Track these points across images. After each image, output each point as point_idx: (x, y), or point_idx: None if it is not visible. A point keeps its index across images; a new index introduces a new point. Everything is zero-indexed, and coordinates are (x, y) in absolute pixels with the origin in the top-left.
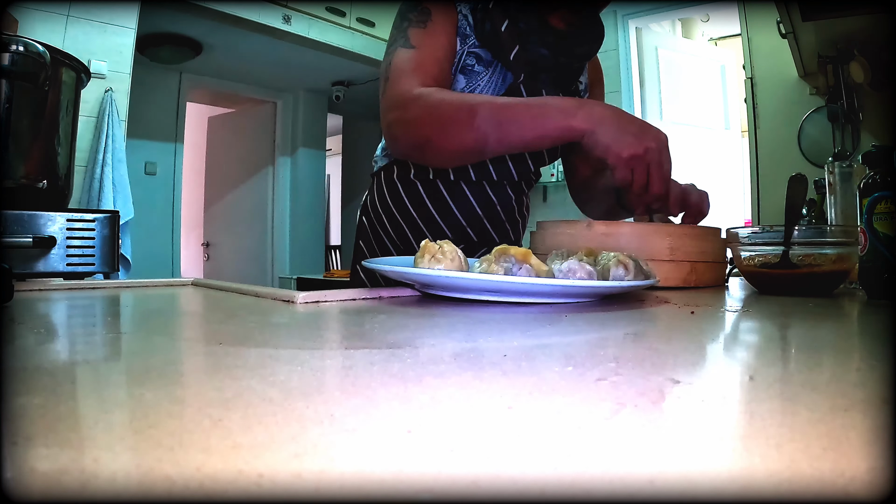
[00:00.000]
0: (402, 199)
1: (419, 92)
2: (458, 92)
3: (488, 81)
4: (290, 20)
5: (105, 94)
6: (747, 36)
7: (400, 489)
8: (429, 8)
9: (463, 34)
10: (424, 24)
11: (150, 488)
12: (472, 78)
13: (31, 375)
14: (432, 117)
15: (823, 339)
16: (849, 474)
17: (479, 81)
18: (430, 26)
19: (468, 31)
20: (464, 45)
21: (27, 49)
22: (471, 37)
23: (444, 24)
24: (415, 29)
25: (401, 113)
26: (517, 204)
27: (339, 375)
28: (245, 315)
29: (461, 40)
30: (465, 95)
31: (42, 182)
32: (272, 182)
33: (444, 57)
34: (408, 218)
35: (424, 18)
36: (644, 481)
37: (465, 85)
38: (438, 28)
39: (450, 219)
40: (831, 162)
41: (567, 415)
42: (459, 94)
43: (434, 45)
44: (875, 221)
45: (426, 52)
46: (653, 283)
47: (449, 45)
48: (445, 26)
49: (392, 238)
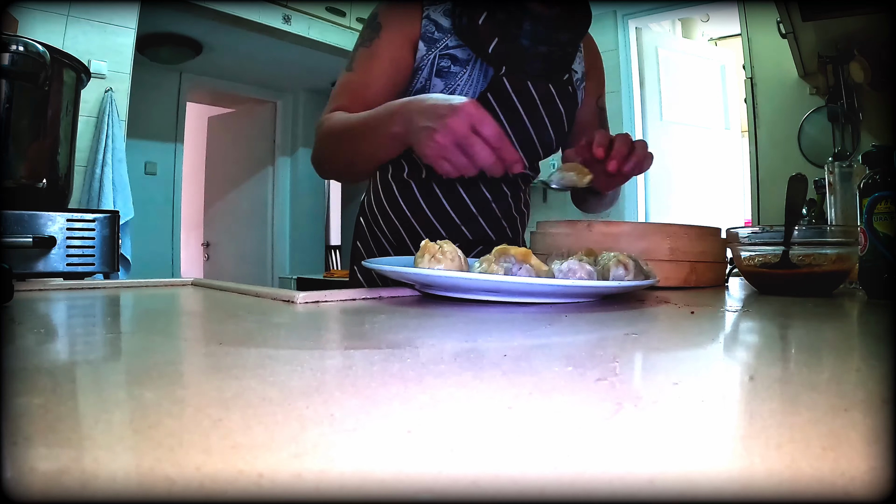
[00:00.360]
0: (396, 199)
1: (323, 118)
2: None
3: (467, 80)
4: (290, 20)
5: (105, 94)
6: (747, 36)
7: (400, 489)
8: (380, 22)
9: (430, 39)
10: (371, 42)
11: (150, 488)
12: (450, 79)
13: (31, 375)
14: (319, 147)
15: (823, 339)
16: (849, 474)
17: (457, 82)
18: (374, 45)
19: (437, 34)
20: (433, 50)
21: (27, 49)
22: (441, 40)
23: (392, 41)
24: (362, 49)
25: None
26: (514, 200)
27: (339, 375)
28: (245, 315)
29: (428, 45)
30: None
31: (42, 182)
32: (272, 182)
33: (375, 77)
34: (402, 218)
35: (373, 36)
36: (644, 481)
37: (443, 87)
38: (383, 46)
39: (444, 218)
40: (831, 162)
41: (567, 415)
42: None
43: (370, 66)
44: (875, 221)
45: (358, 75)
46: (653, 283)
47: (389, 64)
48: (392, 43)
49: (388, 238)
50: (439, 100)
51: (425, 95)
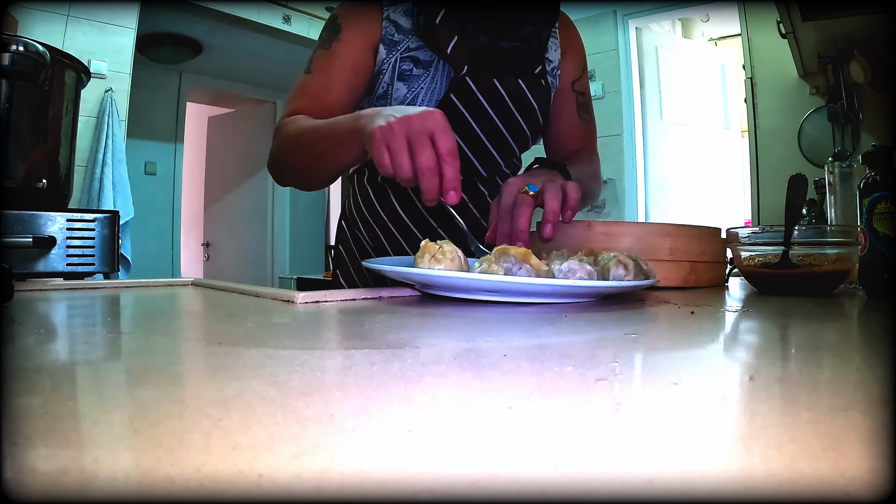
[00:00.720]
0: (372, 203)
1: (283, 122)
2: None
3: (430, 83)
4: (290, 20)
5: (105, 94)
6: (747, 36)
7: (400, 489)
8: (340, 24)
9: (390, 41)
10: (330, 44)
11: (150, 488)
12: (412, 83)
13: (31, 375)
14: (276, 148)
15: (823, 339)
16: (849, 474)
17: (420, 85)
18: (333, 47)
19: (398, 36)
20: (393, 52)
21: (27, 49)
22: (402, 42)
23: (351, 43)
24: (320, 51)
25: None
26: (491, 198)
27: (339, 375)
28: (245, 315)
29: (388, 48)
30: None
31: (42, 182)
32: (272, 182)
33: (333, 80)
34: (379, 221)
35: (332, 38)
36: (644, 481)
37: (406, 91)
38: (342, 49)
39: (419, 220)
40: (831, 162)
41: (567, 415)
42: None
43: (328, 68)
44: (875, 221)
45: (316, 77)
46: (653, 283)
47: (348, 67)
48: (351, 45)
49: (367, 241)
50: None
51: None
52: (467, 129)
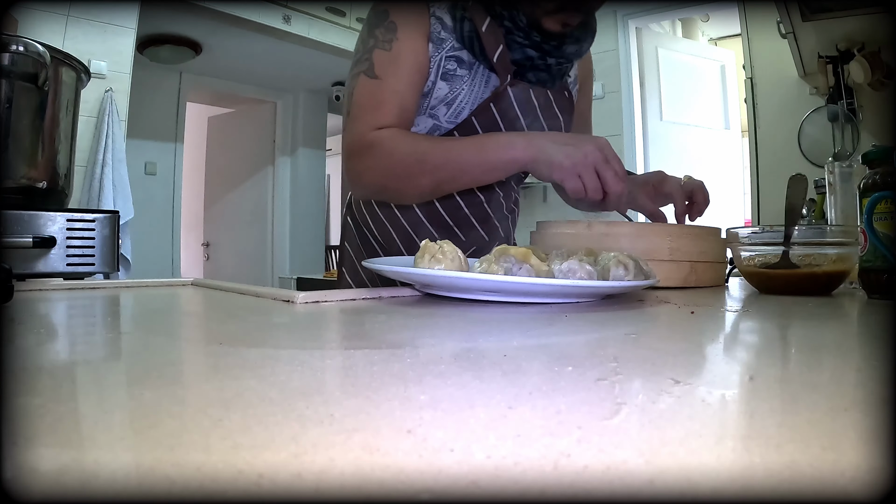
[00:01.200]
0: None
1: (373, 138)
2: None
3: (470, 86)
4: (290, 20)
5: (105, 94)
6: (747, 36)
7: (400, 489)
8: (395, 23)
9: (438, 39)
10: (390, 44)
11: (150, 488)
12: (455, 83)
13: (31, 375)
14: (387, 168)
15: (823, 339)
16: (849, 474)
17: (461, 87)
18: (395, 47)
19: (444, 34)
20: (440, 51)
21: (27, 49)
22: (447, 40)
23: (412, 41)
24: (379, 52)
25: (357, 161)
26: (505, 200)
27: (339, 375)
28: (245, 315)
29: (436, 46)
30: (416, 141)
31: (42, 182)
32: (272, 182)
33: (406, 87)
34: (392, 218)
35: (390, 37)
36: (644, 481)
37: (447, 91)
38: (405, 49)
39: (436, 218)
40: (831, 162)
41: (567, 415)
42: (411, 141)
43: (397, 74)
44: (875, 221)
45: (388, 84)
46: (653, 283)
47: (415, 69)
48: (413, 44)
49: (377, 239)
50: (569, 135)
51: (541, 133)
52: None
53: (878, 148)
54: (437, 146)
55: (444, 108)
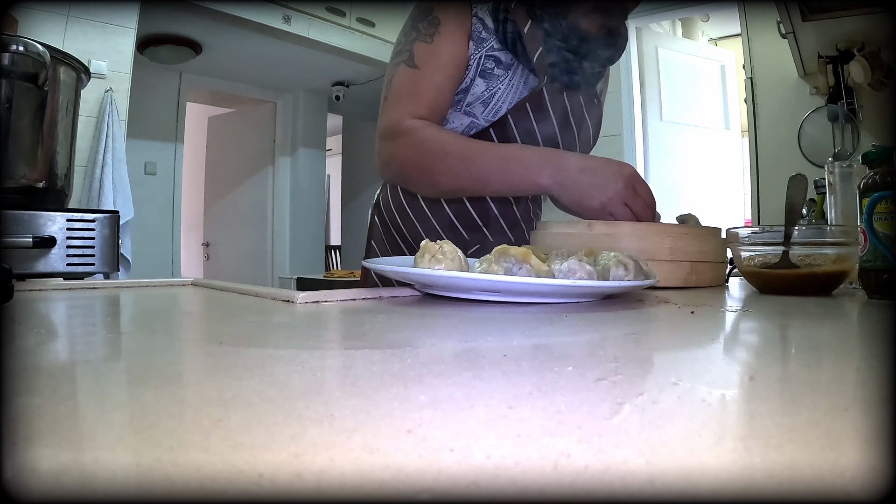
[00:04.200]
0: (416, 199)
1: (407, 126)
2: (442, 131)
3: (508, 85)
4: (290, 20)
5: (105, 94)
6: (747, 36)
7: (400, 489)
8: (438, 18)
9: (478, 38)
10: (431, 37)
11: (150, 488)
12: (492, 82)
13: (31, 375)
14: (411, 159)
15: (823, 339)
16: (849, 474)
17: (498, 85)
18: (436, 41)
19: (484, 34)
20: (480, 49)
21: (27, 49)
22: (488, 40)
23: (453, 36)
24: (421, 44)
25: (388, 144)
26: (532, 203)
27: (339, 375)
28: (245, 315)
29: (476, 45)
30: (445, 139)
31: (42, 182)
32: (272, 182)
33: (444, 79)
34: (422, 216)
35: (432, 31)
36: (644, 481)
37: (484, 89)
38: (445, 43)
39: (466, 219)
40: (831, 162)
41: (567, 415)
42: (440, 137)
43: (436, 65)
44: (875, 221)
45: (426, 74)
46: (653, 283)
47: (453, 64)
48: (454, 39)
49: (405, 237)
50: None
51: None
52: (532, 136)
53: (878, 148)
54: (463, 151)
55: (480, 106)
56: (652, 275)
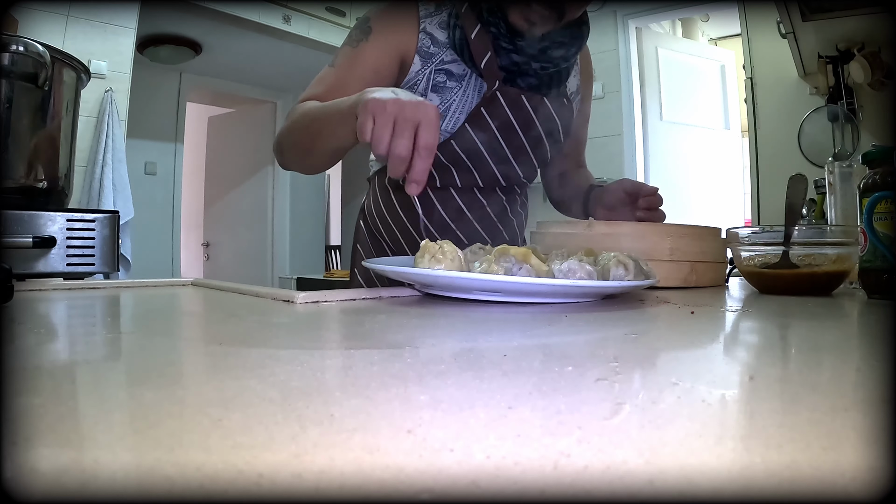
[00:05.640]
0: (393, 204)
1: (292, 109)
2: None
3: (462, 96)
4: (290, 20)
5: (105, 94)
6: (747, 36)
7: (400, 489)
8: (371, 27)
9: (426, 54)
10: (357, 43)
11: (150, 488)
12: (445, 94)
13: (31, 375)
14: (286, 130)
15: (823, 339)
16: (849, 474)
17: (452, 97)
18: (360, 47)
19: (433, 49)
20: (429, 65)
21: (27, 49)
22: (437, 54)
23: (379, 46)
24: (347, 48)
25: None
26: (509, 204)
27: (339, 375)
28: (245, 315)
29: (424, 60)
30: (306, 105)
31: (42, 182)
32: (272, 182)
33: (353, 79)
34: (399, 223)
35: (361, 38)
36: (644, 481)
37: (438, 102)
38: (368, 51)
39: (439, 223)
40: (831, 162)
41: (567, 415)
42: (305, 105)
43: (351, 67)
44: (875, 221)
45: (338, 73)
46: (653, 283)
47: (372, 68)
48: (378, 49)
49: (387, 242)
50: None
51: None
52: (493, 141)
53: (878, 148)
54: (320, 104)
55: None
56: (652, 275)
